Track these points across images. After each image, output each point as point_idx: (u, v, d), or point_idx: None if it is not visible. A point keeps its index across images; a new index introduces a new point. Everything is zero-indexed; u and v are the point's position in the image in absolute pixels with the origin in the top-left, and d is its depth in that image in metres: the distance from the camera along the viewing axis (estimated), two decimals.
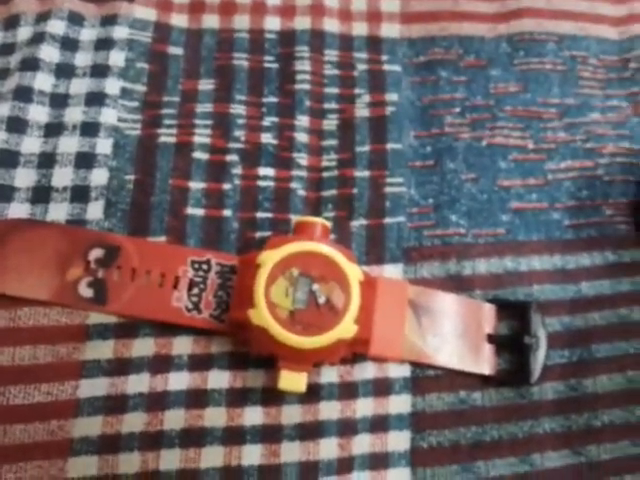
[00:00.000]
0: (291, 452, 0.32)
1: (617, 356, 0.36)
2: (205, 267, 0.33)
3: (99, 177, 0.34)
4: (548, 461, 0.34)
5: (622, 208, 0.39)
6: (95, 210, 0.34)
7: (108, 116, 0.36)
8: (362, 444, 0.33)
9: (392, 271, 0.35)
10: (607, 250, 0.38)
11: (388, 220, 0.36)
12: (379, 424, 0.33)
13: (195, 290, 0.33)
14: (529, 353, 0.34)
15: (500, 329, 0.35)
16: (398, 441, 0.33)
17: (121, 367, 0.32)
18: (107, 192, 0.34)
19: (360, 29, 0.41)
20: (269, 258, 0.30)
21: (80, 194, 0.34)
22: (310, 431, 0.32)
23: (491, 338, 0.35)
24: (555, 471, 0.33)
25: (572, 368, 0.35)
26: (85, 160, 0.35)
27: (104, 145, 0.35)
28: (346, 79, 0.40)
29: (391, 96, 0.39)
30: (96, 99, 0.36)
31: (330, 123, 0.38)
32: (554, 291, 0.36)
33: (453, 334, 0.34)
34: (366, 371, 0.33)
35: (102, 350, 0.32)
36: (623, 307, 0.36)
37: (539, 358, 0.34)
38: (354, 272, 0.31)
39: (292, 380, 0.30)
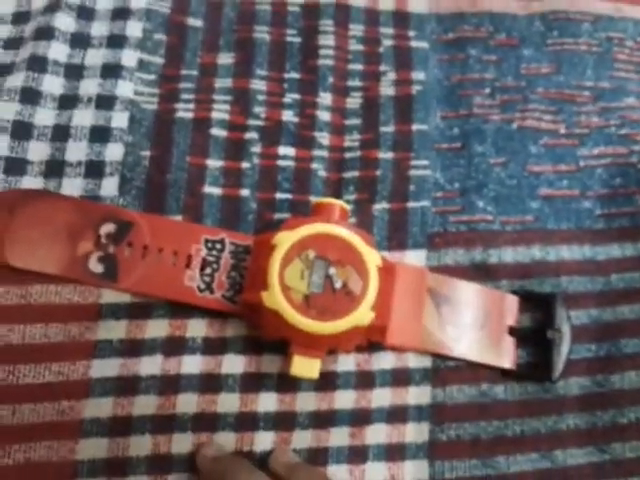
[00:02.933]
0: (303, 439, 0.31)
1: None
2: (219, 246, 0.32)
3: (114, 152, 0.33)
4: (571, 458, 0.33)
5: None
6: (110, 186, 0.33)
7: (124, 89, 0.35)
8: (378, 434, 0.32)
9: (414, 257, 0.34)
10: (639, 241, 0.36)
11: (412, 204, 0.35)
12: (397, 415, 0.32)
13: (208, 270, 0.32)
14: (552, 348, 0.33)
15: (523, 321, 0.34)
16: (416, 433, 0.32)
17: (134, 348, 0.31)
18: (122, 168, 0.33)
19: (387, 3, 0.39)
20: (285, 239, 0.29)
21: (94, 169, 0.33)
22: (323, 419, 0.32)
23: (513, 331, 0.34)
24: (578, 468, 0.33)
25: (599, 363, 0.34)
26: (100, 134, 0.34)
27: (120, 119, 0.34)
28: (371, 55, 0.38)
29: (418, 74, 0.38)
30: (112, 71, 0.35)
31: (354, 101, 0.37)
32: (583, 282, 0.35)
33: (473, 325, 0.33)
34: (385, 360, 0.33)
35: (115, 330, 0.31)
36: None
37: (562, 353, 0.33)
38: (372, 257, 0.30)
39: (305, 366, 0.29)
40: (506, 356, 0.33)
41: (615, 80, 0.40)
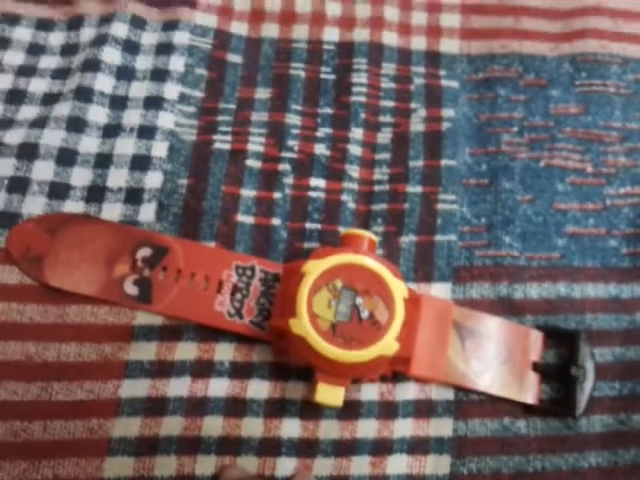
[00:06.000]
0: (324, 467, 0.32)
1: None
2: (249, 273, 0.33)
3: (153, 180, 0.35)
4: None
5: None
6: (147, 212, 0.34)
7: (165, 120, 0.36)
8: (398, 465, 0.32)
9: (440, 290, 0.35)
10: None
11: (439, 237, 0.36)
12: (418, 446, 0.32)
13: (238, 295, 0.33)
14: (575, 385, 0.33)
15: (547, 357, 0.34)
16: (437, 465, 0.32)
17: (163, 369, 0.32)
18: (160, 195, 0.34)
19: (419, 43, 0.41)
20: (314, 268, 0.30)
21: (134, 195, 0.34)
22: (345, 447, 0.32)
23: (536, 366, 0.34)
24: None
25: (622, 402, 0.34)
26: (140, 162, 0.35)
27: (160, 148, 0.35)
28: (402, 93, 0.39)
29: (447, 112, 0.39)
30: (154, 103, 0.37)
31: (384, 136, 0.38)
32: (607, 320, 0.35)
33: (497, 359, 0.33)
34: (408, 391, 0.33)
35: (146, 351, 0.32)
36: None
37: (586, 390, 0.33)
38: (399, 288, 0.30)
39: (329, 393, 0.30)
40: (529, 391, 0.33)
41: None
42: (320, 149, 0.37)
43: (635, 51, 0.42)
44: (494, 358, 0.33)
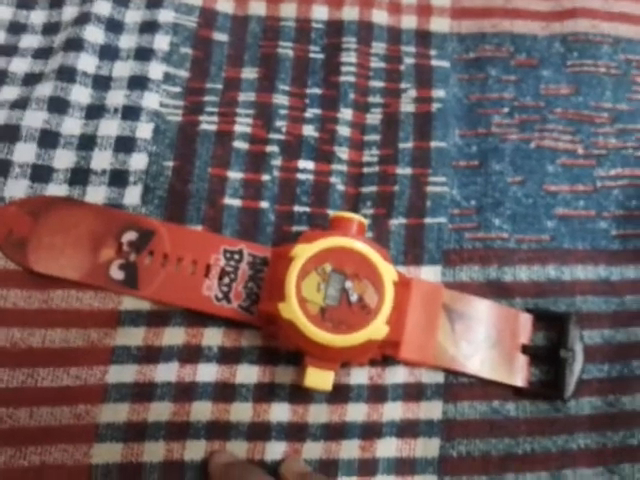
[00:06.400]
0: (314, 450, 0.32)
1: None
2: (237, 257, 0.33)
3: (138, 162, 0.34)
4: (580, 478, 0.33)
5: None
6: (133, 195, 0.33)
7: (150, 100, 0.35)
8: (388, 448, 0.32)
9: (430, 273, 0.35)
10: None
11: (428, 220, 0.35)
12: (408, 429, 0.32)
13: (226, 280, 0.32)
14: (564, 367, 0.33)
15: (536, 340, 0.34)
16: (426, 448, 0.32)
17: (151, 355, 0.32)
18: (145, 177, 0.34)
19: (409, 22, 0.40)
20: (303, 251, 0.30)
21: (118, 178, 0.34)
22: (335, 431, 0.32)
23: (526, 349, 0.34)
24: None
25: (611, 384, 0.34)
26: (125, 144, 0.34)
27: (145, 130, 0.35)
28: (392, 73, 0.39)
29: (438, 92, 0.38)
30: (139, 83, 0.36)
31: (374, 117, 0.37)
32: (597, 303, 0.35)
33: (486, 342, 0.33)
34: (397, 375, 0.33)
35: (133, 337, 0.32)
36: None
37: (574, 373, 0.33)
38: (389, 272, 0.30)
39: (318, 378, 0.30)
40: (518, 374, 0.33)
41: (633, 102, 0.40)
42: (309, 130, 0.36)
43: (626, 31, 0.41)
44: (483, 341, 0.33)
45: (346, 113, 0.37)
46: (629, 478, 0.33)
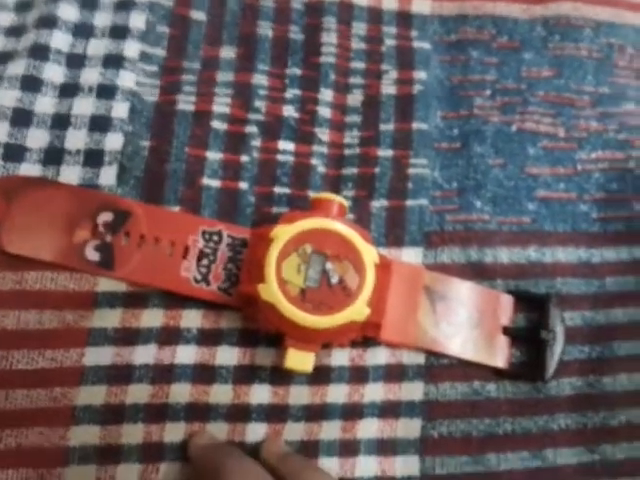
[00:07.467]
0: (295, 432, 0.31)
1: (639, 355, 0.35)
2: (216, 238, 0.32)
3: (113, 141, 0.33)
4: (561, 457, 0.33)
5: None
6: (108, 175, 0.33)
7: (126, 79, 0.34)
8: (369, 429, 0.32)
9: (411, 255, 0.34)
10: (634, 246, 0.37)
11: (410, 202, 0.35)
12: (389, 410, 0.32)
13: (204, 261, 0.32)
14: (545, 348, 0.33)
15: (517, 321, 0.35)
16: (408, 428, 0.32)
17: (128, 337, 0.31)
18: (121, 157, 0.33)
19: (390, 3, 0.40)
20: (283, 233, 0.29)
21: (93, 158, 0.33)
22: (316, 412, 0.32)
23: (506, 330, 0.34)
24: (568, 468, 0.33)
25: (591, 365, 0.34)
26: (100, 123, 0.33)
27: (120, 109, 0.34)
28: (373, 54, 0.38)
29: (419, 74, 0.38)
30: (114, 61, 0.35)
31: (354, 98, 0.37)
32: (577, 285, 0.35)
33: (467, 324, 0.33)
34: (379, 356, 0.33)
35: (110, 318, 0.31)
36: None
37: (555, 354, 0.33)
38: (370, 253, 0.30)
39: (299, 359, 0.29)
40: (499, 355, 0.33)
41: (615, 86, 0.40)
42: (289, 111, 0.36)
43: (608, 14, 0.41)
44: (465, 322, 0.33)
45: (326, 94, 0.37)
46: (609, 458, 0.33)
